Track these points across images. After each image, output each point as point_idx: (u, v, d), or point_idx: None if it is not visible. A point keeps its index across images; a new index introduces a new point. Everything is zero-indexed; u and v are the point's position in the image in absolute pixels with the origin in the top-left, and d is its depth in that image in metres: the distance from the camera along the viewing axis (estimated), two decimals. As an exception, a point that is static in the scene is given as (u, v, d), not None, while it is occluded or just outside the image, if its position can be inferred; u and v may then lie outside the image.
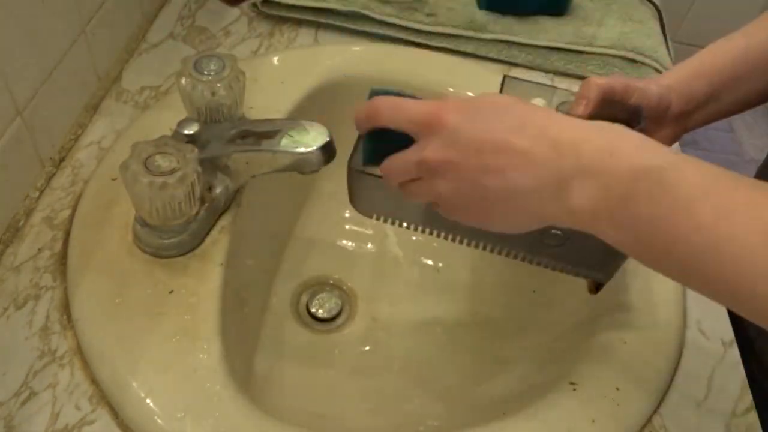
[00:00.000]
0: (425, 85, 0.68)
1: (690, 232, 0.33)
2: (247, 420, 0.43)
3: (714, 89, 0.53)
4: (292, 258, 0.69)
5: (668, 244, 0.34)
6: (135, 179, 0.44)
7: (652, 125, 0.54)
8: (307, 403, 0.57)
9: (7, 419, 0.42)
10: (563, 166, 0.36)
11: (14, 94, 0.49)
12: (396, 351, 0.63)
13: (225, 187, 0.52)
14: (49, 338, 0.46)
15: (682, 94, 0.53)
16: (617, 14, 0.78)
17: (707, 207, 0.33)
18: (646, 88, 0.51)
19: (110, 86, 0.64)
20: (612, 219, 0.35)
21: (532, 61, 0.73)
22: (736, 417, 0.49)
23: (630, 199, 0.34)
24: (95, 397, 0.44)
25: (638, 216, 0.34)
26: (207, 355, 0.45)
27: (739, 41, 0.54)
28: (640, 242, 0.35)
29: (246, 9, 0.75)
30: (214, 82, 0.51)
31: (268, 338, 0.61)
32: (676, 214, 0.33)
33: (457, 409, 0.57)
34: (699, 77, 0.53)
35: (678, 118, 0.54)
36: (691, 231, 0.33)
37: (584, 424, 0.45)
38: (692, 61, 0.55)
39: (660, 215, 0.34)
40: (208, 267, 0.50)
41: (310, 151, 0.47)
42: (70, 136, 0.58)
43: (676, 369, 0.50)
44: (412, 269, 0.70)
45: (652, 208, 0.34)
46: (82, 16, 0.57)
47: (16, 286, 0.48)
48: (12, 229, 0.51)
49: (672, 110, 0.53)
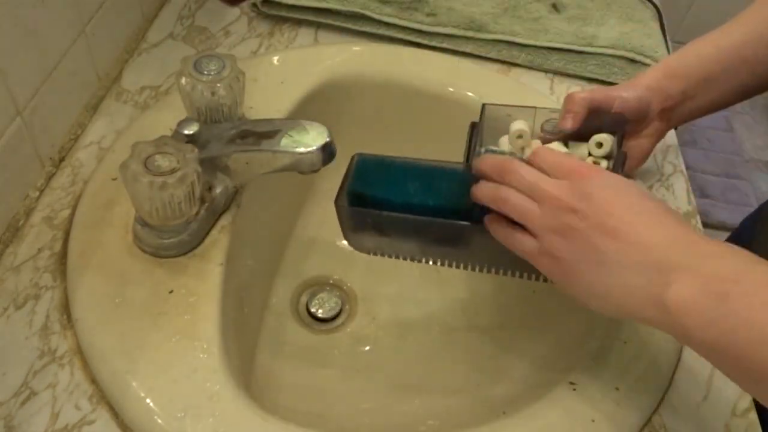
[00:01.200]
0: (425, 85, 0.68)
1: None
2: (247, 420, 0.43)
3: (688, 88, 0.55)
4: (292, 258, 0.69)
5: (748, 346, 0.34)
6: (135, 179, 0.44)
7: (636, 125, 0.56)
8: (307, 403, 0.57)
9: (7, 419, 0.42)
10: (672, 262, 0.37)
11: (14, 94, 0.49)
12: (396, 351, 0.63)
13: (225, 187, 0.52)
14: (49, 338, 0.46)
15: (659, 93, 0.54)
16: (617, 14, 0.78)
17: None
18: (625, 96, 0.53)
19: (110, 86, 0.64)
20: (702, 315, 0.35)
21: (532, 61, 0.73)
22: (736, 417, 0.49)
23: (728, 298, 0.35)
24: (95, 397, 0.44)
25: (731, 314, 0.34)
26: (207, 355, 0.45)
27: (713, 41, 0.55)
28: (723, 343, 0.35)
29: (246, 9, 0.75)
30: (214, 82, 0.51)
31: (268, 338, 0.61)
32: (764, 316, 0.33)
33: (457, 409, 0.57)
34: (671, 77, 0.55)
35: (660, 115, 0.56)
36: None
37: (584, 424, 0.45)
38: (667, 61, 0.56)
39: (754, 316, 0.34)
40: (208, 267, 0.50)
41: (310, 151, 0.47)
42: (70, 136, 0.58)
43: (676, 369, 0.50)
44: (412, 269, 0.70)
45: (746, 306, 0.34)
46: (81, 16, 0.57)
47: (16, 286, 0.48)
48: (12, 228, 0.51)
49: (653, 108, 0.55)
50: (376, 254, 0.52)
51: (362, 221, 0.50)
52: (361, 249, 0.53)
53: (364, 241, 0.52)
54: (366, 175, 0.51)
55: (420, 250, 0.51)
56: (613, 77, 0.73)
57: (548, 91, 0.71)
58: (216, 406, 0.43)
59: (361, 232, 0.51)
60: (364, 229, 0.51)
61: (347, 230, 0.52)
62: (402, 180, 0.50)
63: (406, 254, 0.52)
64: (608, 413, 0.46)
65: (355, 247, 0.53)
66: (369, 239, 0.52)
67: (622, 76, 0.72)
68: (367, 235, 0.51)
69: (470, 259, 0.51)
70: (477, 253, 0.50)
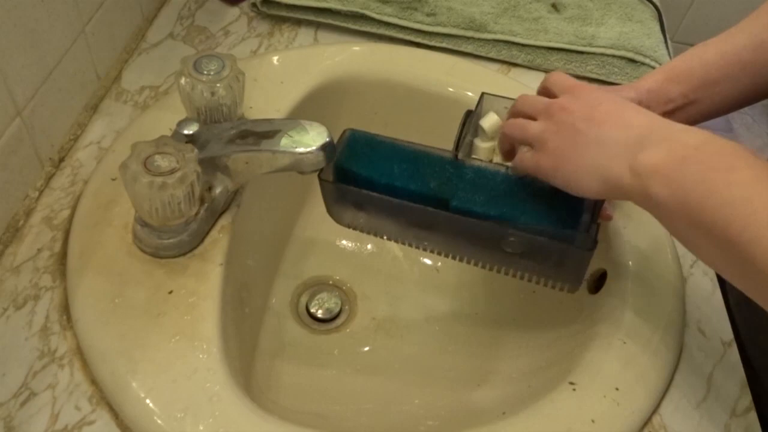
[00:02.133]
0: (425, 84, 0.68)
1: (723, 186, 0.37)
2: (247, 420, 0.43)
3: (689, 92, 0.56)
4: (292, 258, 0.69)
5: (703, 199, 0.38)
6: (135, 179, 0.44)
7: None
8: (307, 403, 0.57)
9: (6, 420, 0.42)
10: (650, 135, 0.42)
11: (14, 94, 0.49)
12: (395, 351, 0.63)
13: (225, 187, 0.52)
14: (48, 338, 0.46)
15: (659, 96, 0.55)
16: (617, 14, 0.78)
17: (747, 172, 0.38)
18: (625, 97, 0.54)
19: (110, 86, 0.64)
20: (665, 177, 0.39)
21: (532, 61, 0.73)
22: (735, 417, 0.49)
23: (687, 160, 0.39)
24: (95, 397, 0.44)
25: (688, 174, 0.39)
26: (207, 355, 0.45)
27: (715, 46, 0.56)
28: (678, 201, 0.39)
29: (246, 9, 0.75)
30: (214, 82, 0.51)
31: (268, 338, 0.61)
32: (717, 172, 0.38)
33: (457, 409, 0.57)
34: (673, 81, 0.56)
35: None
36: (723, 186, 0.37)
37: (584, 424, 0.45)
38: (670, 64, 0.58)
39: (705, 175, 0.38)
40: (208, 267, 0.50)
41: (310, 151, 0.47)
42: (70, 136, 0.58)
43: (676, 369, 0.50)
44: (412, 269, 0.70)
45: (701, 168, 0.39)
46: (81, 16, 0.57)
47: (16, 287, 0.48)
48: (11, 229, 0.51)
49: (653, 111, 0.55)
50: (356, 229, 0.54)
51: (344, 197, 0.52)
52: (341, 222, 0.54)
53: (344, 216, 0.54)
54: (354, 152, 0.52)
55: (398, 231, 0.53)
56: (613, 77, 0.73)
57: (548, 91, 0.71)
58: (216, 406, 0.43)
59: (343, 207, 0.53)
60: (346, 204, 0.52)
61: (329, 203, 0.53)
62: (389, 161, 0.51)
63: (384, 233, 0.53)
64: (608, 413, 0.46)
65: (336, 219, 0.54)
66: (349, 214, 0.53)
67: (622, 76, 0.73)
68: (348, 210, 0.53)
69: (444, 246, 0.52)
70: (451, 241, 0.51)
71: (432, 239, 0.52)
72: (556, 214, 0.47)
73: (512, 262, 0.50)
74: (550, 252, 0.47)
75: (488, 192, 0.49)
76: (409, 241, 0.53)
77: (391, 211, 0.51)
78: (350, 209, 0.53)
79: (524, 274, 0.50)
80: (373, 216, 0.52)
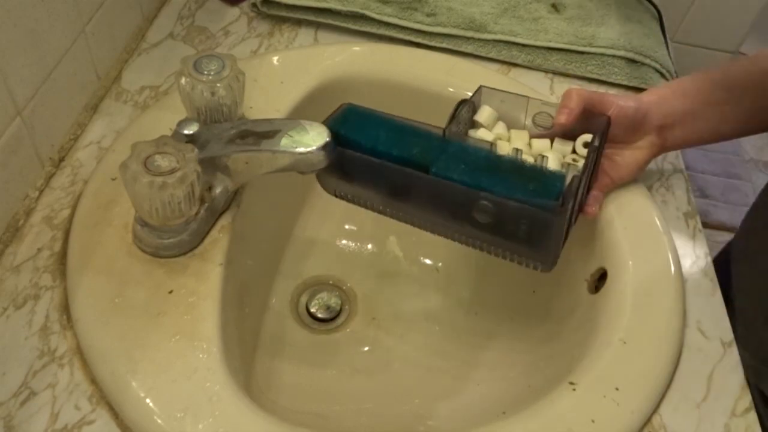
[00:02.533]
0: (425, 85, 0.68)
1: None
2: (247, 420, 0.43)
3: (692, 108, 0.57)
4: (292, 258, 0.69)
5: None
6: (135, 179, 0.44)
7: (629, 134, 0.58)
8: (307, 403, 0.57)
9: (6, 419, 0.42)
10: None
11: (14, 94, 0.49)
12: (395, 351, 0.63)
13: (225, 187, 0.52)
14: (48, 338, 0.46)
15: (661, 107, 0.56)
16: (617, 14, 0.78)
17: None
18: (622, 104, 0.55)
19: (110, 86, 0.64)
20: None
21: (531, 61, 0.73)
22: (735, 417, 0.49)
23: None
24: (95, 397, 0.44)
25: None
26: (207, 355, 0.45)
27: (723, 70, 0.58)
28: None
29: (246, 9, 0.75)
30: (214, 82, 0.51)
31: (268, 338, 0.61)
32: None
33: (457, 409, 0.57)
34: (678, 96, 0.57)
35: (658, 131, 0.57)
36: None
37: (584, 424, 0.45)
38: (679, 81, 0.59)
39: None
40: (208, 267, 0.50)
41: (310, 151, 0.47)
42: (70, 136, 0.58)
43: (676, 369, 0.50)
44: (412, 269, 0.70)
45: None
46: (81, 16, 0.57)
47: (16, 286, 0.48)
48: (12, 228, 0.51)
49: (651, 121, 0.57)
50: (342, 198, 0.55)
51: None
52: (328, 189, 0.55)
53: (330, 182, 0.55)
54: (346, 119, 0.53)
55: (380, 200, 0.53)
56: (613, 77, 0.73)
57: (548, 91, 0.71)
58: (216, 406, 0.43)
59: (329, 172, 0.53)
60: (332, 169, 0.52)
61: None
62: (377, 128, 0.52)
63: (367, 202, 0.54)
64: (608, 413, 0.46)
65: (323, 185, 0.55)
66: (334, 181, 0.54)
67: (622, 76, 0.73)
68: (335, 176, 0.54)
69: (422, 218, 0.53)
70: (429, 212, 0.52)
71: (411, 211, 0.53)
72: (533, 187, 0.47)
73: (485, 234, 0.50)
74: (520, 220, 0.47)
75: (469, 165, 0.49)
76: (391, 212, 0.54)
77: (372, 175, 0.52)
78: (336, 175, 0.53)
79: (498, 250, 0.51)
80: (356, 184, 0.53)
